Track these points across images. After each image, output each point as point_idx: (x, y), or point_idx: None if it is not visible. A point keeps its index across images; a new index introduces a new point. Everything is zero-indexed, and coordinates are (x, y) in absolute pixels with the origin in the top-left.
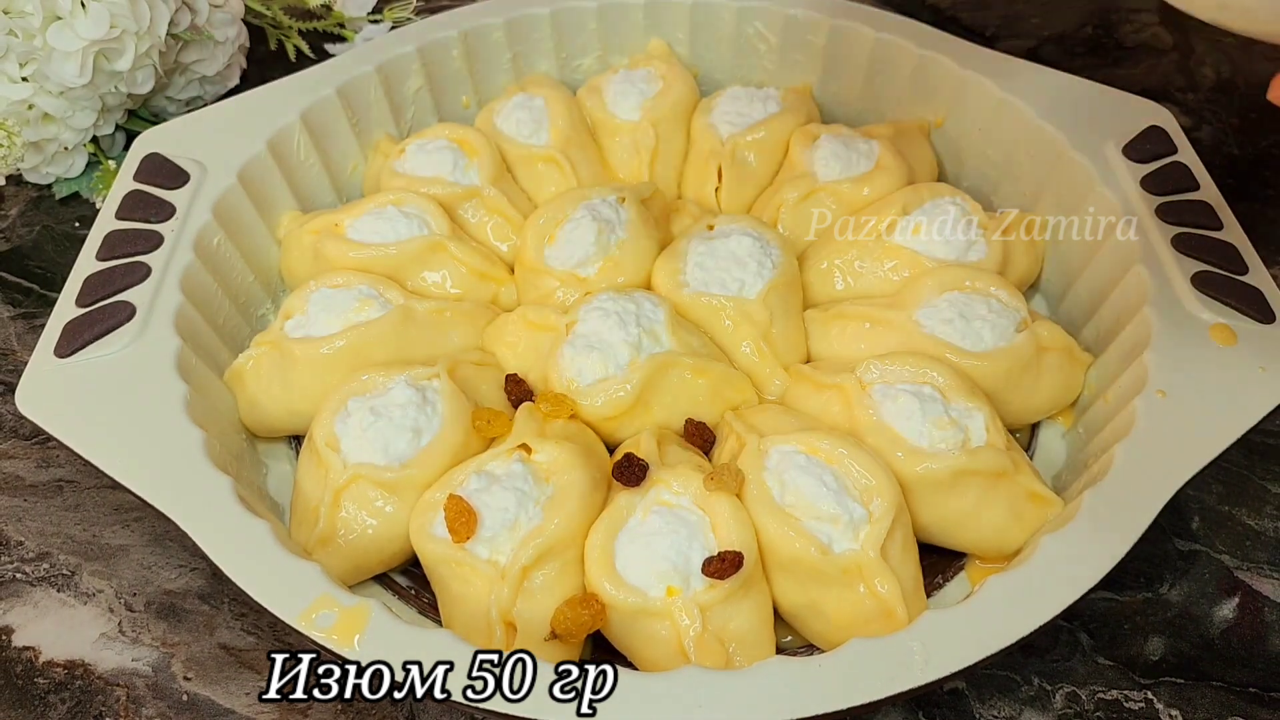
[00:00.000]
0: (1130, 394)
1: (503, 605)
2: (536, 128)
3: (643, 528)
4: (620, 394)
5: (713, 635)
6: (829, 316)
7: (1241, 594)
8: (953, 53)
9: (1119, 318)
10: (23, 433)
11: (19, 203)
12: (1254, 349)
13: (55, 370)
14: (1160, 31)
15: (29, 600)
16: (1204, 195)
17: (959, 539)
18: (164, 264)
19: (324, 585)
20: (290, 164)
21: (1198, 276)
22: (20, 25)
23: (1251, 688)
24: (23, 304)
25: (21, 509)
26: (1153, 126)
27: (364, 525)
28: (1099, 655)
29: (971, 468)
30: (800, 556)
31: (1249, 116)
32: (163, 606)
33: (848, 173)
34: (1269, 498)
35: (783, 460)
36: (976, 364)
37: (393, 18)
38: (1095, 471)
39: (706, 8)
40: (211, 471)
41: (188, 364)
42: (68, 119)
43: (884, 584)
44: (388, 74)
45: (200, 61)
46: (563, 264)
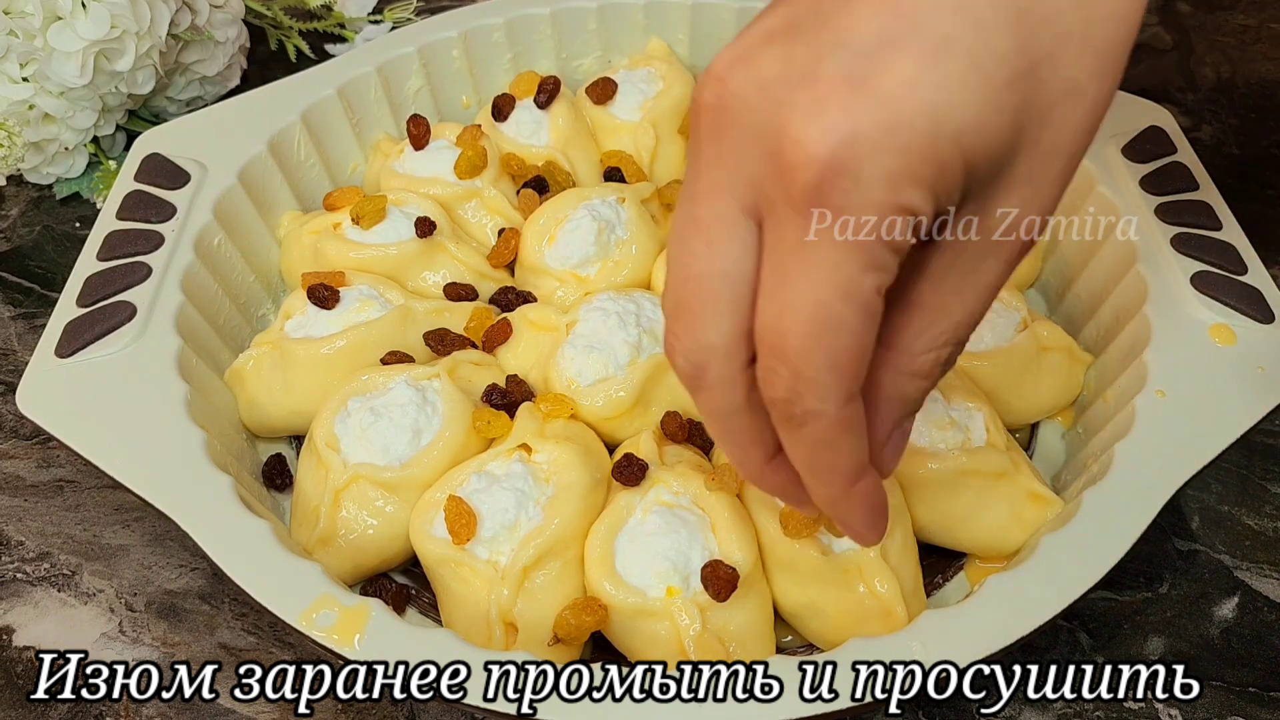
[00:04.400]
0: (1130, 394)
1: (503, 606)
2: (536, 128)
3: (643, 528)
4: (620, 394)
5: (713, 635)
6: None
7: (1241, 594)
8: None
9: (1119, 318)
10: (23, 433)
11: (19, 203)
12: (1253, 349)
13: (55, 370)
14: (1160, 31)
15: (29, 600)
16: (1204, 195)
17: (959, 539)
18: (164, 264)
19: (324, 585)
20: (290, 164)
21: (1197, 276)
22: (20, 25)
23: (1251, 688)
24: (23, 304)
25: (21, 509)
26: (1152, 126)
27: (364, 525)
28: (1099, 655)
29: (971, 468)
30: (800, 556)
31: (1249, 116)
32: (163, 606)
33: None
34: (1269, 498)
35: None
36: (976, 364)
37: (393, 18)
38: (1095, 471)
39: (707, 8)
40: (212, 471)
41: (188, 364)
42: (68, 119)
43: (884, 584)
44: (388, 74)
45: (200, 62)
46: (563, 264)
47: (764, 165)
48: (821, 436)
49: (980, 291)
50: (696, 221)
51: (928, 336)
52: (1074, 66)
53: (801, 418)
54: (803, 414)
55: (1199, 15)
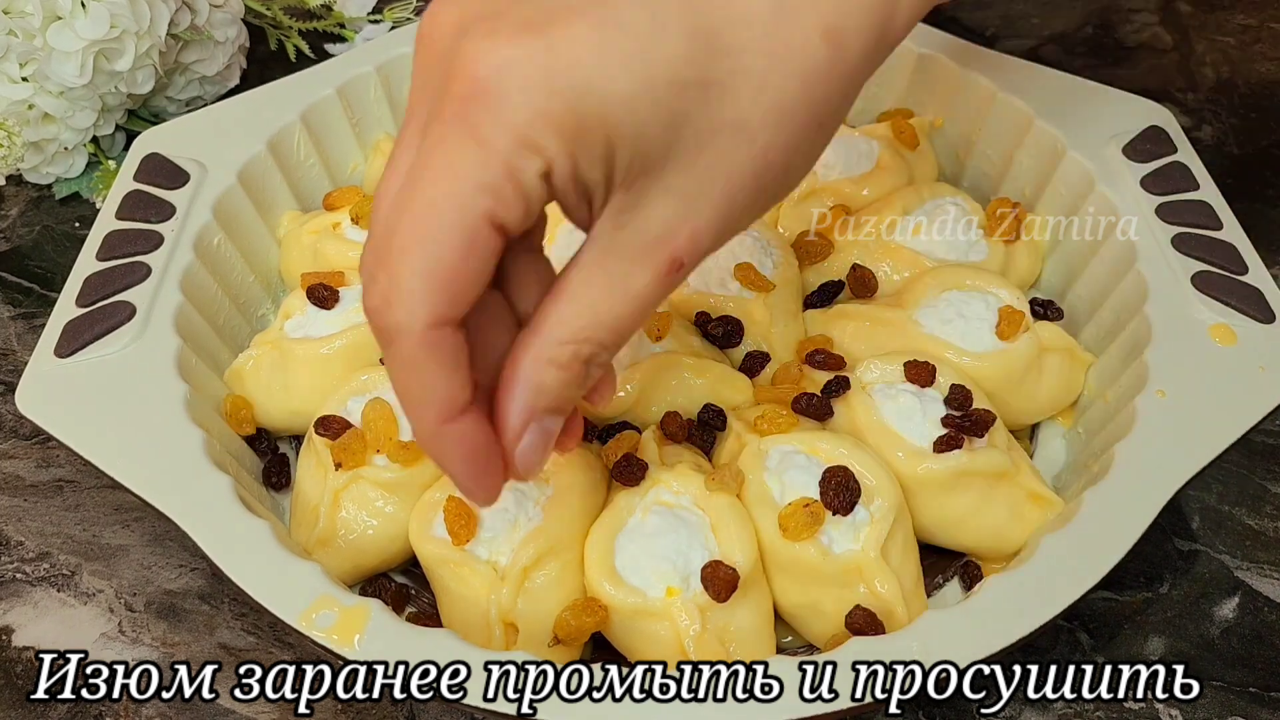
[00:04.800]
0: (1130, 394)
1: (503, 606)
2: None
3: (643, 528)
4: (620, 394)
5: (713, 635)
6: (829, 316)
7: (1241, 594)
8: (953, 52)
9: (1119, 318)
10: (23, 433)
11: (19, 203)
12: (1254, 349)
13: (55, 370)
14: (1160, 31)
15: (29, 600)
16: (1204, 195)
17: (959, 539)
18: (164, 264)
19: (324, 585)
20: (290, 164)
21: (1198, 276)
22: (20, 25)
23: (1252, 688)
24: (23, 304)
25: (21, 509)
26: (1153, 126)
27: (364, 526)
28: (1099, 655)
29: (972, 468)
30: (800, 556)
31: (1249, 116)
32: (163, 606)
33: (848, 172)
34: (1269, 497)
35: (783, 460)
36: (977, 364)
37: (393, 18)
38: (1095, 471)
39: None
40: (211, 471)
41: (188, 364)
42: (68, 119)
43: (884, 584)
44: (388, 74)
45: (200, 61)
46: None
47: (440, 82)
48: (408, 356)
49: (629, 298)
50: (397, 142)
51: (570, 328)
52: (747, 106)
53: (391, 332)
54: (392, 327)
55: (1199, 15)
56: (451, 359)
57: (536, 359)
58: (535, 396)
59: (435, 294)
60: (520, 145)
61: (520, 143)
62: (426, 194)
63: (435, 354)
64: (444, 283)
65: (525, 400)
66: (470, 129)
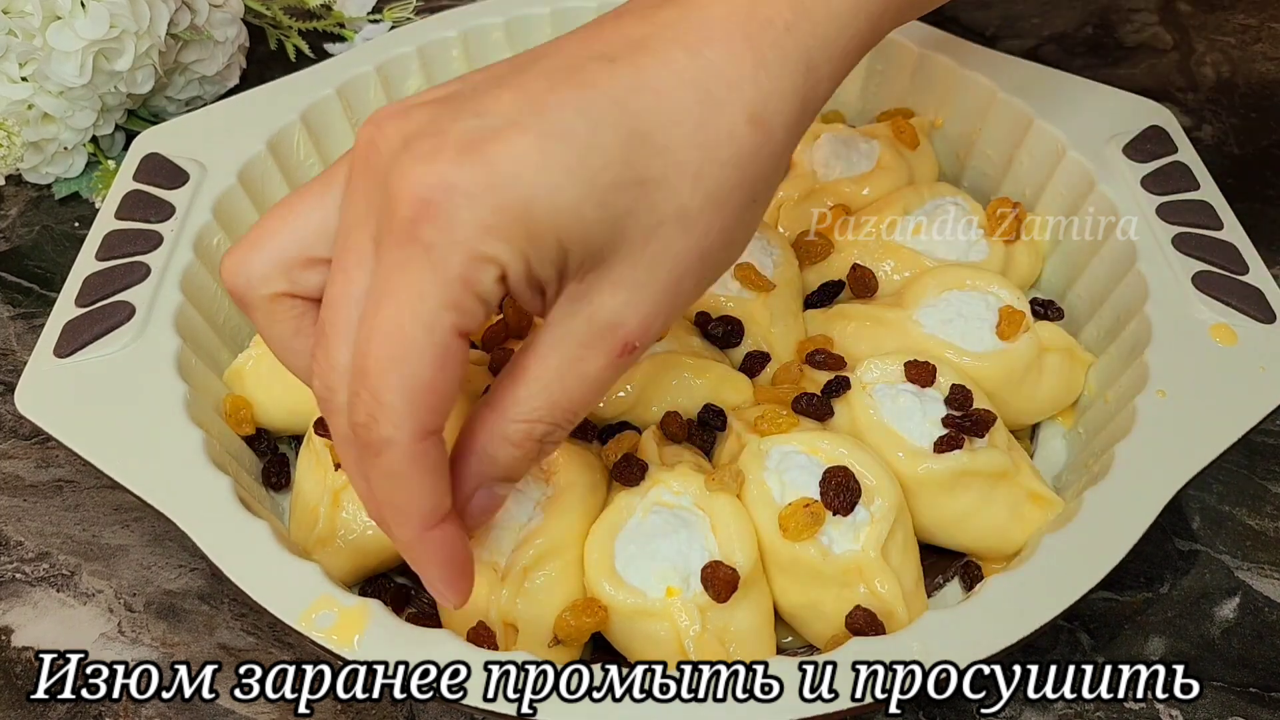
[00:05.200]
0: (1130, 394)
1: (503, 606)
2: None
3: (642, 528)
4: (620, 394)
5: (713, 635)
6: (829, 316)
7: (1242, 594)
8: (952, 52)
9: (1119, 318)
10: (22, 433)
11: (18, 203)
12: (1254, 349)
13: (55, 370)
14: (1160, 31)
15: (28, 600)
16: (1204, 195)
17: (959, 539)
18: (164, 264)
19: (324, 585)
20: (290, 164)
21: (1198, 276)
22: (20, 25)
23: (1252, 688)
24: (22, 304)
25: (21, 509)
26: (1153, 126)
27: (364, 525)
28: (1099, 655)
29: (972, 468)
30: (800, 556)
31: (1249, 116)
32: (163, 606)
33: (848, 172)
34: (1269, 498)
35: (783, 460)
36: (977, 364)
37: (393, 18)
38: (1096, 471)
39: None
40: (210, 471)
41: (187, 364)
42: (67, 119)
43: (884, 584)
44: (388, 74)
45: (200, 61)
46: None
47: (383, 201)
48: (395, 468)
49: (583, 381)
50: (342, 250)
51: (525, 407)
52: (687, 195)
53: (377, 445)
54: (378, 441)
55: (1199, 15)
56: (436, 468)
57: (492, 434)
58: (490, 467)
59: (418, 408)
60: (474, 259)
61: (474, 257)
62: (393, 318)
63: (421, 464)
64: (424, 395)
65: (479, 469)
66: (424, 249)
